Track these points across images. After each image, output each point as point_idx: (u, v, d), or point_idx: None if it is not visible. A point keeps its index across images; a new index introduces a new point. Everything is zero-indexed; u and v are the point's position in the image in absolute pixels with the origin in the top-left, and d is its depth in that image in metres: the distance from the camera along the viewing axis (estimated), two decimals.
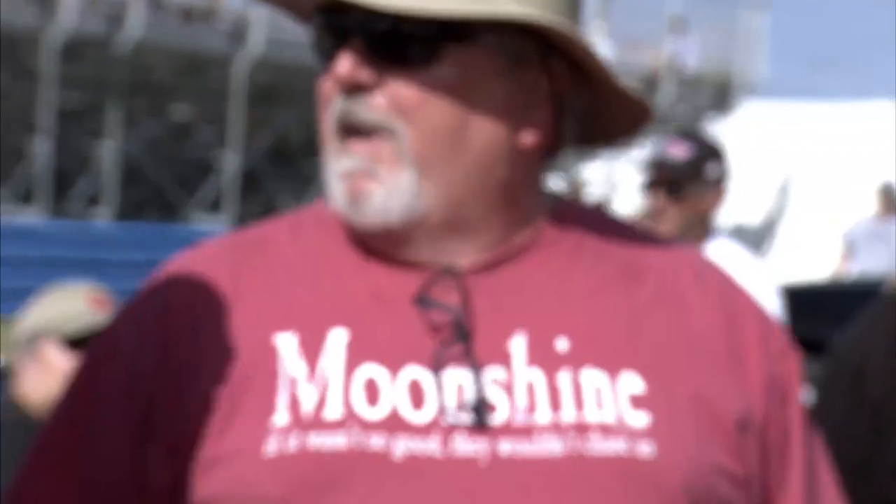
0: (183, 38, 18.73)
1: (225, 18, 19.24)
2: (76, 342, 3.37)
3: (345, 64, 1.34)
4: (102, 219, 18.49)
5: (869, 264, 12.07)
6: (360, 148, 1.36)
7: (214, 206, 19.69)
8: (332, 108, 1.38)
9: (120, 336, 1.44)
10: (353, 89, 1.35)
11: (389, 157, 1.35)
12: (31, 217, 17.72)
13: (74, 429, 1.43)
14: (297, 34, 16.42)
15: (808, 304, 9.06)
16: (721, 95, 22.74)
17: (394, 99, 1.35)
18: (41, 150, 17.73)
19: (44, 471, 1.44)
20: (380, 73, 1.35)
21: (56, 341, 3.42)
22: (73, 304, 3.48)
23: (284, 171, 21.38)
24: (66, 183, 19.02)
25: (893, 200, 12.24)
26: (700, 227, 4.44)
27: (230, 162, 19.42)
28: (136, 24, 17.75)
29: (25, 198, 18.09)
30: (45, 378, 3.40)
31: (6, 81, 18.35)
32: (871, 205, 13.25)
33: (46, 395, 3.27)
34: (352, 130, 1.36)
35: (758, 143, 21.98)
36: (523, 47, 1.38)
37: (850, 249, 12.31)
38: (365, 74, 1.35)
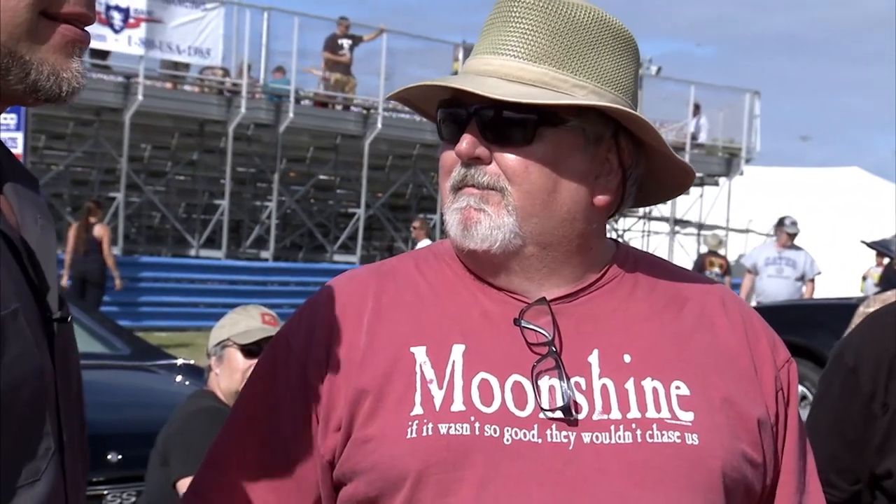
0: (326, 122, 19.25)
1: (356, 107, 19.62)
2: (252, 349, 3.38)
3: (466, 144, 1.33)
4: (266, 257, 18.64)
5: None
6: (473, 192, 1.34)
7: (347, 247, 19.84)
8: (453, 173, 1.36)
9: (292, 337, 1.42)
10: (471, 161, 1.34)
11: (496, 203, 1.34)
12: (216, 255, 18.01)
13: (259, 405, 1.43)
14: (406, 118, 17.99)
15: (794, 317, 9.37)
16: (729, 162, 22.61)
17: (502, 168, 1.33)
18: (223, 206, 18.24)
19: (235, 434, 1.45)
20: (491, 149, 1.33)
21: (238, 348, 3.42)
22: (250, 321, 3.46)
23: (398, 219, 21.80)
24: (240, 230, 19.92)
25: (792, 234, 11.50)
26: None
27: (359, 213, 19.74)
28: (291, 113, 18.10)
29: (211, 241, 18.76)
30: (231, 375, 3.42)
31: (198, 157, 19.54)
32: (839, 247, 12.87)
33: (231, 387, 3.39)
34: (466, 186, 1.35)
35: (757, 198, 22.14)
36: (599, 129, 1.35)
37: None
38: (481, 151, 1.33)
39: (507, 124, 1.33)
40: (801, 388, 8.84)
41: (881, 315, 2.10)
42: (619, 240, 1.53)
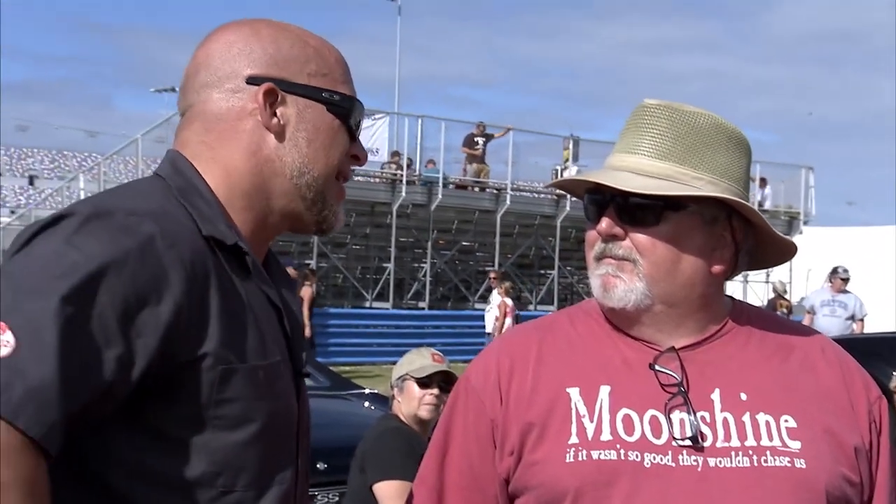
0: (467, 201, 19.53)
1: (490, 189, 19.70)
2: (425, 382, 3.36)
3: (605, 224, 1.30)
4: (423, 306, 18.73)
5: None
6: (611, 262, 1.31)
7: (485, 297, 18.06)
8: (595, 246, 1.33)
9: (472, 379, 1.40)
10: (609, 238, 1.31)
11: (630, 271, 1.30)
12: (385, 306, 18.12)
13: (452, 434, 1.39)
14: (528, 196, 17.92)
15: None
16: (790, 224, 22.00)
17: (634, 243, 1.30)
18: (389, 268, 18.37)
19: (434, 455, 1.42)
20: (625, 228, 1.30)
21: (414, 381, 3.38)
22: (423, 360, 3.41)
23: (524, 274, 21.57)
24: (403, 286, 19.89)
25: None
26: None
27: (493, 271, 19.13)
28: (440, 195, 18.37)
29: (381, 295, 18.80)
30: (410, 402, 3.38)
31: (370, 230, 19.65)
32: (883, 293, 12.15)
33: (411, 411, 3.37)
34: (605, 257, 1.32)
35: (814, 253, 20.29)
36: (715, 212, 1.31)
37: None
38: (617, 230, 1.30)
39: (638, 209, 1.31)
40: None
41: None
42: (735, 297, 1.46)
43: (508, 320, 13.09)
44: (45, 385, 0.93)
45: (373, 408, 4.95)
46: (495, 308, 13.54)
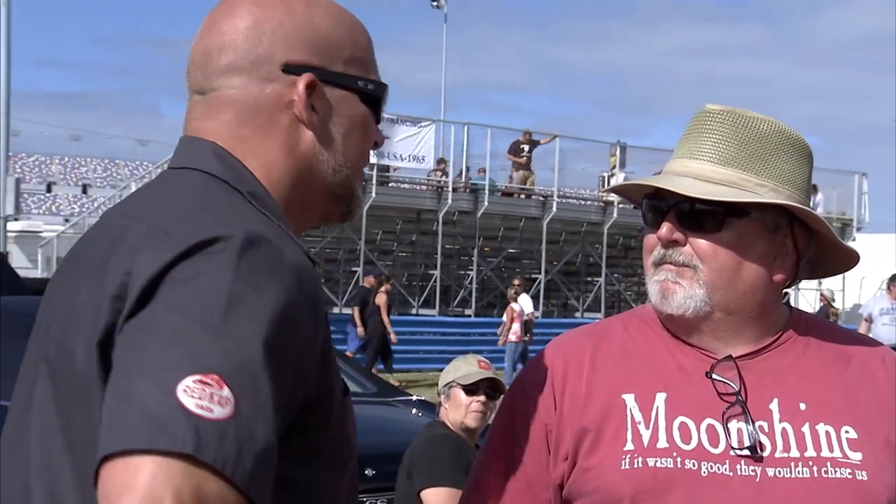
0: (513, 208, 19.42)
1: (536, 196, 19.69)
2: (472, 389, 3.35)
3: (666, 229, 1.28)
4: (469, 313, 18.80)
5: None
6: (671, 268, 1.29)
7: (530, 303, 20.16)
8: (654, 252, 1.31)
9: (528, 384, 1.38)
10: (670, 243, 1.29)
11: (690, 277, 1.28)
12: (431, 313, 18.25)
13: (501, 437, 1.39)
14: (574, 203, 17.84)
15: None
16: (843, 231, 21.61)
17: (695, 249, 1.28)
18: (436, 275, 18.43)
19: (485, 459, 1.41)
20: (686, 234, 1.28)
21: (461, 388, 3.36)
22: (469, 367, 3.40)
23: (570, 281, 21.57)
24: (449, 293, 20.04)
25: None
26: None
27: (540, 277, 19.57)
28: (486, 202, 18.34)
29: (427, 302, 18.96)
30: (457, 409, 3.36)
31: (416, 238, 19.74)
32: None
33: (458, 418, 3.35)
34: (665, 263, 1.30)
35: (867, 259, 21.39)
36: (777, 219, 1.29)
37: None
38: (678, 236, 1.28)
39: (700, 215, 1.28)
40: None
41: None
42: (792, 306, 1.41)
43: (516, 325, 13.07)
44: (268, 448, 0.82)
45: (420, 414, 4.94)
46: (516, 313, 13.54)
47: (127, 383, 0.81)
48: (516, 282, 14.54)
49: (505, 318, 13.57)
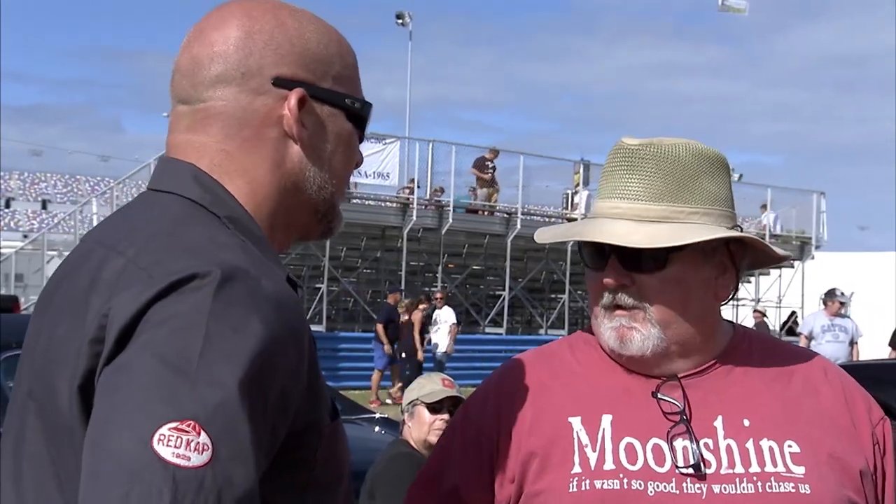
0: (477, 225, 19.40)
1: (500, 213, 19.65)
2: (435, 407, 3.37)
3: (613, 276, 1.28)
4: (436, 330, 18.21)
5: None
6: (623, 314, 1.30)
7: (496, 321, 19.69)
8: (604, 298, 1.31)
9: (471, 407, 1.40)
10: (618, 287, 1.29)
11: (642, 319, 1.29)
12: None
13: (441, 458, 1.40)
14: (538, 220, 17.96)
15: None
16: (802, 249, 22.06)
17: (642, 290, 1.29)
18: (393, 292, 17.67)
19: (423, 481, 1.42)
20: (632, 276, 1.28)
21: (424, 406, 3.38)
22: (433, 385, 3.41)
23: (535, 298, 21.71)
24: None
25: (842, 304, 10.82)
26: None
27: (504, 294, 19.51)
28: (450, 219, 18.33)
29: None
30: (420, 427, 3.39)
31: (381, 255, 19.69)
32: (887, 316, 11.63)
33: (421, 436, 3.38)
34: (616, 308, 1.30)
35: (826, 278, 20.04)
36: (714, 243, 1.30)
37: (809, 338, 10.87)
38: (624, 279, 1.29)
39: (643, 257, 1.29)
40: None
41: None
42: (735, 322, 1.45)
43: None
44: (248, 491, 0.80)
45: (383, 432, 4.95)
46: (444, 326, 14.25)
47: (103, 432, 0.80)
48: (439, 295, 15.08)
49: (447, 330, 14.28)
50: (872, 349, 11.71)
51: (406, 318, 13.95)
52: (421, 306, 13.89)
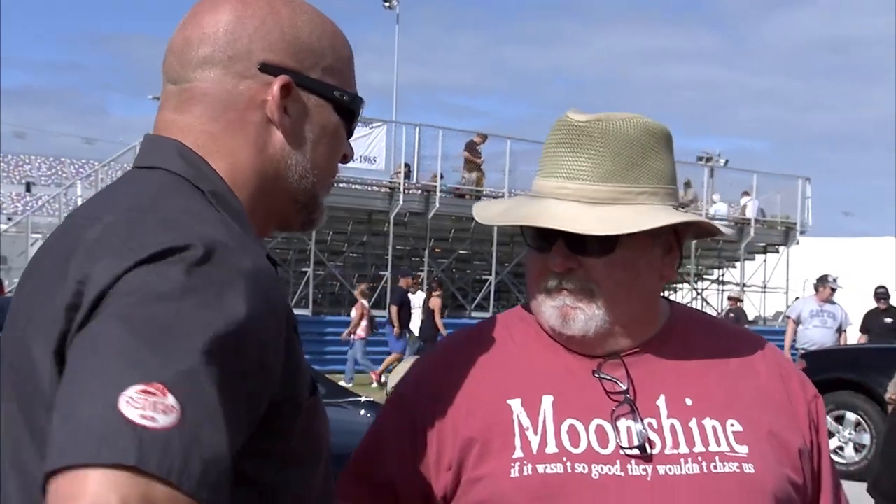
0: (464, 210, 18.69)
1: (486, 196, 18.85)
2: None
3: (560, 260, 1.26)
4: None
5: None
6: (566, 294, 1.27)
7: (482, 306, 19.61)
8: (548, 281, 1.28)
9: (404, 391, 1.35)
10: (563, 272, 1.27)
11: (587, 299, 1.27)
12: (383, 314, 15.95)
13: (371, 445, 1.34)
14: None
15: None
16: (786, 234, 22.06)
17: (589, 274, 1.26)
18: (386, 276, 17.90)
19: (352, 468, 1.35)
20: (579, 259, 1.26)
21: None
22: None
23: (521, 283, 20.91)
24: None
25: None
26: None
27: (490, 279, 19.58)
28: (437, 203, 18.32)
29: (377, 304, 17.50)
30: None
31: (367, 239, 19.64)
32: (870, 302, 11.51)
33: None
34: (561, 290, 1.28)
35: (812, 263, 20.91)
36: (663, 227, 1.26)
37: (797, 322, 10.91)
38: (571, 263, 1.26)
39: (591, 240, 1.25)
40: (854, 416, 8.44)
41: None
42: (672, 298, 1.43)
43: (364, 322, 14.19)
44: (219, 452, 0.80)
45: (369, 416, 4.87)
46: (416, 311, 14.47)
47: (70, 397, 0.81)
48: (363, 287, 15.18)
49: (354, 314, 14.41)
50: (855, 334, 11.73)
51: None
52: (436, 293, 13.89)
